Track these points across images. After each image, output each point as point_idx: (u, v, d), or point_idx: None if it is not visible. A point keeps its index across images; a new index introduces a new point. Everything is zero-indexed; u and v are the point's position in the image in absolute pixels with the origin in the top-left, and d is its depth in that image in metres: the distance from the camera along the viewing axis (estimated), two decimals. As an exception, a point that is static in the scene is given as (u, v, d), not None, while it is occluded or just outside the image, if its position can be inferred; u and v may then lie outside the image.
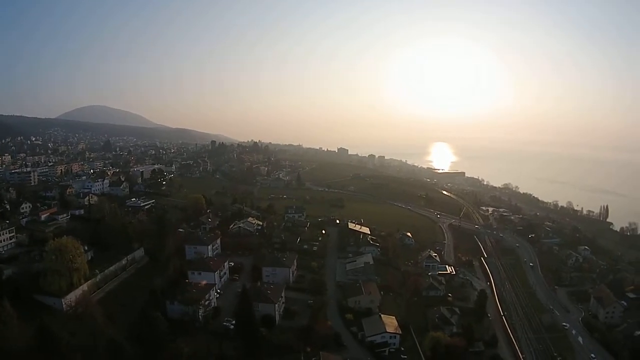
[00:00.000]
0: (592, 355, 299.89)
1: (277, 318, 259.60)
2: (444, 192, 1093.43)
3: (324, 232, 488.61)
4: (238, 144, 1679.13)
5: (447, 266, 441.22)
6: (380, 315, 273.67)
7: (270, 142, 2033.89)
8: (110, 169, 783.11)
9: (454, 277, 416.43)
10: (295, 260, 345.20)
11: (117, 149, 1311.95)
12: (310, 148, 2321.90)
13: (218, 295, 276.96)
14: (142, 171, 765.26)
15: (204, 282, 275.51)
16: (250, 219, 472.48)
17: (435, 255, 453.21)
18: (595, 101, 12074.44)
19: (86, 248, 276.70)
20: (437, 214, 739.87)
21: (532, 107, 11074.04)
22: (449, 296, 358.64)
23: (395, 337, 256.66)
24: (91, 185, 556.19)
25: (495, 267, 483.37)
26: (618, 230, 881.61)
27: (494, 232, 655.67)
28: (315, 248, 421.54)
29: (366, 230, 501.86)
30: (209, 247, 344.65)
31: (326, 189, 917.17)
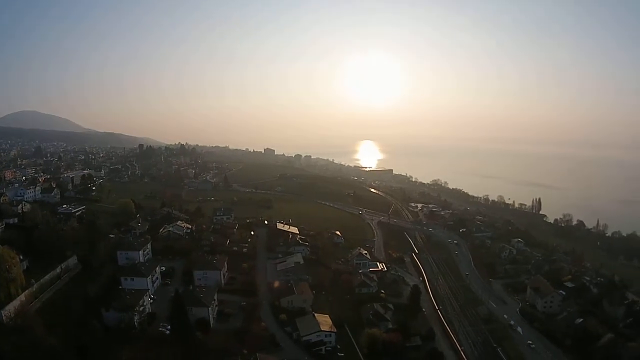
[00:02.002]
0: (529, 342, 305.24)
1: (212, 321, 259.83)
2: (372, 190, 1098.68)
3: (253, 233, 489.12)
4: (165, 147, 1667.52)
5: (378, 263, 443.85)
6: (314, 315, 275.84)
7: (197, 145, 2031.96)
8: (41, 176, 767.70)
9: (385, 273, 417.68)
10: (225, 263, 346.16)
11: (48, 155, 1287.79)
12: (237, 149, 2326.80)
13: (152, 301, 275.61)
14: (73, 177, 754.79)
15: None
16: (179, 222, 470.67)
17: (366, 253, 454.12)
18: (536, 97, 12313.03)
19: (21, 257, 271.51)
20: (366, 211, 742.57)
21: (472, 104, 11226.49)
22: (382, 293, 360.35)
23: (330, 335, 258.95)
24: (24, 193, 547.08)
25: (427, 262, 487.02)
26: (552, 222, 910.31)
27: (424, 228, 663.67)
28: (245, 249, 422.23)
29: (295, 230, 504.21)
30: (140, 252, 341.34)
31: (253, 190, 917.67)
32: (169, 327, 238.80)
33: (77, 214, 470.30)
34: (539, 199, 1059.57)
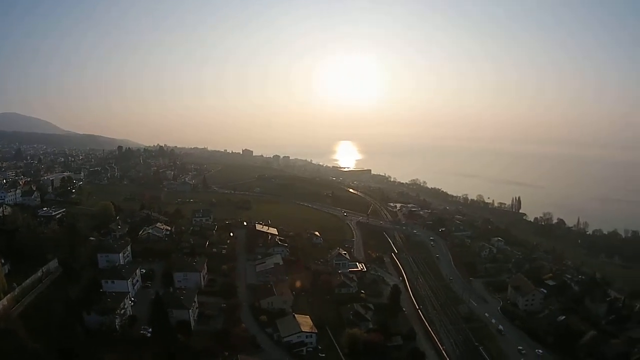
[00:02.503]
0: (520, 347, 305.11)
1: (193, 323, 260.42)
2: (351, 190, 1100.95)
3: (232, 234, 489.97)
4: (144, 149, 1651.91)
5: (357, 263, 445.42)
6: (294, 315, 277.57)
7: (175, 146, 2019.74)
8: (22, 178, 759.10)
9: (365, 273, 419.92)
10: (205, 264, 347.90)
11: (28, 158, 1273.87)
12: (215, 150, 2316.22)
13: (133, 304, 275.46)
14: (53, 179, 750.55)
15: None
16: (158, 224, 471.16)
17: (345, 253, 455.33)
18: (516, 96, 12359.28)
19: (2, 261, 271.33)
20: (345, 212, 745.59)
21: (451, 103, 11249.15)
22: (362, 293, 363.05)
23: (311, 336, 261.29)
24: (4, 196, 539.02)
25: (407, 262, 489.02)
26: (532, 220, 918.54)
27: (403, 228, 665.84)
28: (224, 251, 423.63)
29: (274, 231, 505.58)
30: (120, 254, 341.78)
31: (232, 191, 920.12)
32: (150, 329, 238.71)
33: (57, 216, 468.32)
34: (519, 198, 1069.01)
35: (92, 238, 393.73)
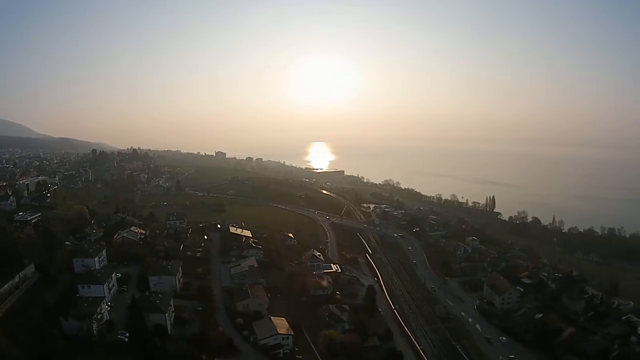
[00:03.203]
0: (488, 336, 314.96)
1: (169, 327, 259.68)
2: (324, 192, 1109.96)
3: (206, 237, 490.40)
4: (118, 152, 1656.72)
5: (332, 264, 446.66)
6: (270, 318, 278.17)
7: (149, 149, 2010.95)
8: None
9: (340, 275, 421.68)
10: (180, 268, 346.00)
11: (4, 162, 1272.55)
12: (188, 153, 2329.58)
13: (109, 308, 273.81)
14: (28, 184, 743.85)
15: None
16: (133, 228, 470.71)
17: (319, 255, 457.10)
18: (489, 96, 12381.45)
19: None
20: (318, 213, 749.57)
21: (423, 103, 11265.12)
22: (337, 294, 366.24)
23: (288, 338, 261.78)
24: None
25: (382, 263, 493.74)
26: (507, 219, 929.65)
27: (377, 228, 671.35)
28: (198, 254, 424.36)
29: (248, 233, 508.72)
30: (96, 259, 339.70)
31: (206, 194, 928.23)
32: (127, 334, 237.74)
33: (33, 221, 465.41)
34: (493, 197, 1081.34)
35: (67, 243, 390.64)
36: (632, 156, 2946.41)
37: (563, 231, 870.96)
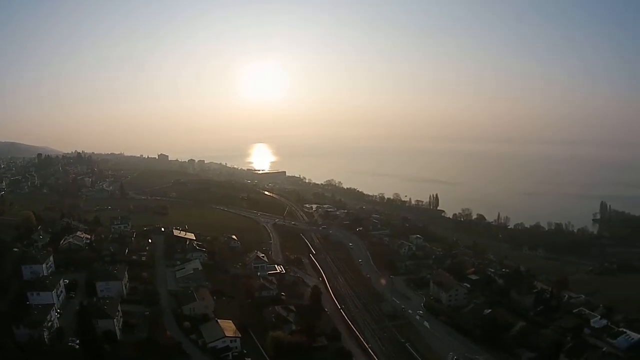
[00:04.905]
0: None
1: (118, 333, 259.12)
2: (266, 193, 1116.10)
3: (150, 241, 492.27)
4: (63, 156, 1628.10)
5: (276, 266, 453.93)
6: (217, 321, 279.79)
7: (93, 152, 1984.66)
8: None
9: (284, 275, 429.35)
10: (126, 272, 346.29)
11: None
12: (131, 156, 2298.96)
13: (59, 315, 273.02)
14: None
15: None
16: (79, 233, 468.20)
17: (263, 256, 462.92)
18: (433, 94, 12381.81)
19: None
20: (261, 214, 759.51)
21: (366, 103, 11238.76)
22: (283, 295, 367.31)
23: (235, 340, 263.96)
24: None
25: (326, 263, 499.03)
26: (451, 217, 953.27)
27: (320, 229, 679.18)
28: (144, 258, 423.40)
29: (192, 236, 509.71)
30: (44, 265, 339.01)
31: (149, 197, 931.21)
32: (77, 341, 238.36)
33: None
34: (436, 195, 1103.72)
35: (15, 249, 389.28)
36: (581, 152, 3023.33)
37: (509, 227, 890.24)
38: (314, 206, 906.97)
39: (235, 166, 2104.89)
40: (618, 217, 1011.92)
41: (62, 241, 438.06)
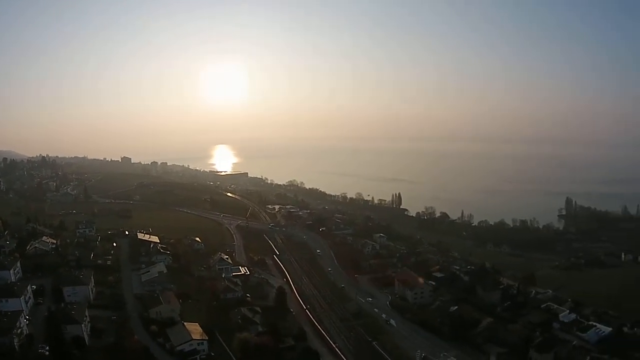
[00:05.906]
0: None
1: (86, 338, 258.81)
2: (229, 194, 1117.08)
3: (115, 244, 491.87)
4: (28, 160, 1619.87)
5: (240, 267, 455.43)
6: (183, 324, 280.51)
7: (57, 156, 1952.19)
8: None
9: (249, 277, 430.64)
10: (92, 277, 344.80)
11: None
12: (95, 159, 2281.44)
13: (27, 322, 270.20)
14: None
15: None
16: (44, 237, 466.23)
17: (227, 258, 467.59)
18: (393, 94, 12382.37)
19: None
20: (224, 216, 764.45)
21: (327, 104, 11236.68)
22: (248, 296, 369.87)
23: (202, 343, 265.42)
24: None
25: (290, 263, 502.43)
26: (414, 215, 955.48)
27: (283, 229, 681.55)
28: (109, 262, 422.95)
29: (155, 239, 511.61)
30: (11, 271, 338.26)
31: (113, 200, 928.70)
32: (47, 347, 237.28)
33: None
34: (399, 194, 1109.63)
35: None
36: (545, 151, 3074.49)
37: (473, 225, 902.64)
38: (277, 207, 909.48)
39: (197, 168, 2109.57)
40: (584, 213, 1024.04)
41: (28, 246, 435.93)
